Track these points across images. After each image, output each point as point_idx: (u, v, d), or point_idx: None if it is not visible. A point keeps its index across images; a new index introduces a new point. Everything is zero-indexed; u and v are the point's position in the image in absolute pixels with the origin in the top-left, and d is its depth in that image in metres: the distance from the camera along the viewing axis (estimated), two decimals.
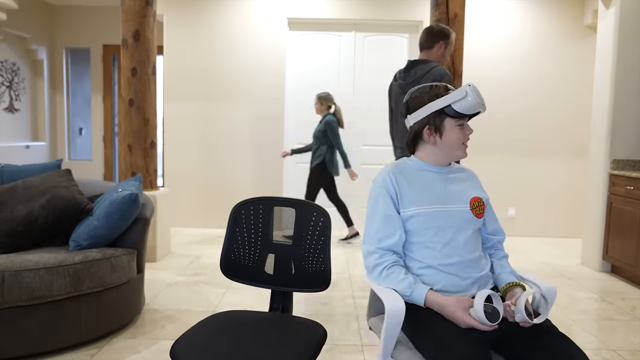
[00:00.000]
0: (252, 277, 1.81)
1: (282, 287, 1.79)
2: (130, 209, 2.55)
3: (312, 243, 1.75)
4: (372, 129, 5.59)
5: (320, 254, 1.74)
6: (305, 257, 1.76)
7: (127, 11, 3.90)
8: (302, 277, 1.77)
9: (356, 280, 3.72)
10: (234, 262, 1.81)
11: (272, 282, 1.80)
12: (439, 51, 2.93)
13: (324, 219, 1.75)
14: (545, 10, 5.35)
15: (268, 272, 1.80)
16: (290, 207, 1.79)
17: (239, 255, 1.81)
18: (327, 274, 1.74)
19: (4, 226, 2.44)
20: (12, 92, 5.93)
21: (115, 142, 6.66)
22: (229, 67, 5.41)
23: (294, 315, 1.76)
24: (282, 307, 1.81)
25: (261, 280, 1.80)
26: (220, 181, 5.51)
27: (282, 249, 1.79)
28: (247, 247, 1.80)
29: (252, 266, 1.81)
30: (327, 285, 1.74)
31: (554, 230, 5.48)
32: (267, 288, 1.81)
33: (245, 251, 1.81)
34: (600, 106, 4.21)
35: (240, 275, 1.82)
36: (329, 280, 1.74)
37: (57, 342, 2.31)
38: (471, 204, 1.57)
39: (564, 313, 3.13)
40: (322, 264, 1.74)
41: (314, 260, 1.75)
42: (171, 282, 3.54)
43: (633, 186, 3.79)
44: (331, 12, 5.35)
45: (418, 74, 2.80)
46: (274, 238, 1.80)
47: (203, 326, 1.59)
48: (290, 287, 1.79)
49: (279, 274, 1.79)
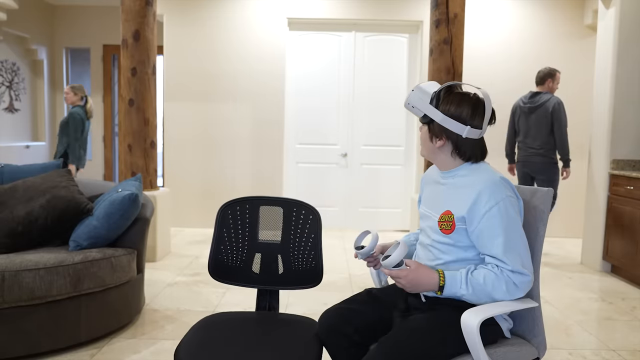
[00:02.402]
0: (240, 277, 1.80)
1: (270, 285, 1.79)
2: (130, 209, 2.55)
3: (302, 241, 1.76)
4: (372, 129, 5.59)
5: (312, 251, 1.75)
6: (296, 255, 1.77)
7: (127, 11, 3.90)
8: (292, 274, 1.78)
9: (356, 281, 3.72)
10: (223, 263, 1.79)
11: (259, 281, 1.79)
12: (549, 85, 4.29)
13: (314, 217, 1.76)
14: (545, 10, 5.35)
15: (255, 272, 1.79)
16: (277, 206, 1.79)
17: (227, 256, 1.79)
18: (320, 270, 1.75)
19: (4, 226, 2.44)
20: (12, 92, 5.93)
21: (115, 142, 6.66)
22: (229, 67, 5.41)
23: (293, 314, 1.76)
24: (269, 306, 1.81)
25: (248, 280, 1.79)
26: (220, 181, 5.51)
27: (270, 248, 1.79)
28: (235, 248, 1.79)
29: (240, 267, 1.80)
30: (319, 281, 1.75)
31: (554, 230, 5.47)
32: (254, 287, 1.79)
33: (234, 252, 1.79)
34: (600, 106, 4.22)
35: (229, 277, 1.80)
36: (321, 276, 1.75)
37: (57, 342, 2.31)
38: (440, 216, 1.50)
39: (564, 313, 3.13)
40: (313, 260, 1.74)
41: (305, 258, 1.76)
42: (171, 282, 3.54)
43: (633, 186, 3.79)
44: (331, 12, 5.35)
45: (542, 100, 4.25)
46: (260, 237, 1.79)
47: (201, 329, 1.58)
48: (277, 286, 1.78)
49: (265, 273, 1.79)
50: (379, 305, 1.56)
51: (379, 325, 1.52)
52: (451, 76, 3.96)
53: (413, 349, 1.33)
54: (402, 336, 1.35)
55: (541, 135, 4.27)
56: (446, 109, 1.48)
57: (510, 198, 1.42)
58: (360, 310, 1.52)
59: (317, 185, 5.65)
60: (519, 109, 4.44)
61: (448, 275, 1.38)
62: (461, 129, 1.47)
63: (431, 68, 4.06)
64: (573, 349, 2.60)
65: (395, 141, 5.61)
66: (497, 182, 1.42)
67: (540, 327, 1.54)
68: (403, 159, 5.63)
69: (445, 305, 1.47)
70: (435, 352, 1.36)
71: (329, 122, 5.59)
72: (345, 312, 1.52)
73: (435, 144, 1.53)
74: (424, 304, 1.52)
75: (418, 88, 1.50)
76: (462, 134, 1.47)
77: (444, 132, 1.50)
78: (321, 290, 3.46)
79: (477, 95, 1.51)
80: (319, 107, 5.57)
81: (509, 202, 1.40)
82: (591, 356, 2.52)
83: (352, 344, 1.49)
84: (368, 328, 1.50)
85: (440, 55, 3.96)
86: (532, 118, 4.31)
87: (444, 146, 1.52)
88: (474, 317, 1.32)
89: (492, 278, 1.35)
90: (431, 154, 1.57)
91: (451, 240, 1.47)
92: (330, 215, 5.68)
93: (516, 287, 1.37)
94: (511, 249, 1.37)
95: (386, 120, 5.58)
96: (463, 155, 1.51)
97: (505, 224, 1.38)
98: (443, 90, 1.51)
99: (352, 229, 5.66)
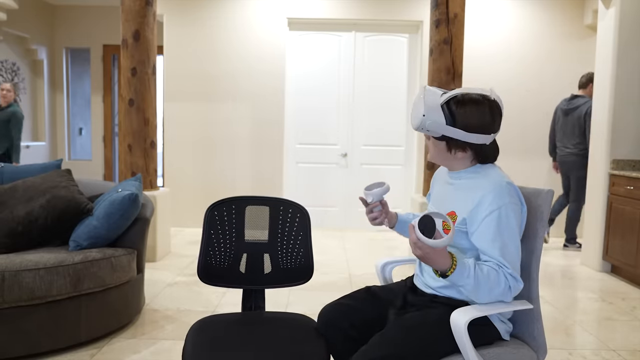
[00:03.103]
0: (227, 279, 1.79)
1: (256, 285, 1.79)
2: (130, 209, 2.55)
3: (291, 239, 1.77)
4: (372, 129, 5.59)
5: (301, 249, 1.76)
6: (284, 253, 1.77)
7: (127, 11, 3.90)
8: (281, 273, 1.78)
9: (356, 281, 3.72)
10: (212, 266, 1.78)
11: (244, 281, 1.79)
12: (590, 89, 4.65)
13: (302, 215, 1.77)
14: (545, 10, 5.35)
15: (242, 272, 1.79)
16: (263, 205, 1.79)
17: (215, 258, 1.78)
18: (310, 267, 1.77)
19: (4, 226, 2.44)
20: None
21: (115, 142, 6.66)
22: (229, 67, 5.41)
23: (293, 312, 1.76)
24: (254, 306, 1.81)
25: (235, 281, 1.78)
26: (220, 181, 5.51)
27: (256, 248, 1.79)
28: (223, 249, 1.78)
29: (227, 267, 1.79)
30: (309, 277, 1.78)
31: (554, 230, 5.47)
32: (240, 288, 1.79)
33: (222, 254, 1.78)
34: (600, 106, 4.22)
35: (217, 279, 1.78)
36: (312, 272, 1.78)
37: (57, 342, 2.31)
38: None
39: (564, 313, 3.13)
40: (303, 258, 1.76)
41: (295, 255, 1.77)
42: (171, 282, 3.54)
43: (633, 186, 3.79)
44: (331, 12, 5.35)
45: (578, 103, 4.62)
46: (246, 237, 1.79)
47: (201, 330, 1.57)
48: (263, 285, 1.79)
49: (251, 273, 1.79)
50: (377, 302, 1.58)
51: (376, 322, 1.54)
52: (451, 76, 3.96)
53: (407, 346, 1.34)
54: (397, 333, 1.37)
55: (574, 136, 4.64)
56: (465, 123, 1.41)
57: (513, 205, 1.40)
58: (357, 307, 1.55)
59: (317, 185, 5.65)
60: (559, 111, 4.83)
61: (460, 264, 1.32)
62: (485, 138, 1.43)
63: (431, 68, 4.06)
64: (573, 349, 2.60)
65: (395, 141, 5.61)
66: (503, 186, 1.40)
67: (539, 330, 1.52)
68: (403, 159, 5.63)
69: (441, 304, 1.48)
70: (429, 350, 1.37)
71: (329, 122, 5.59)
72: (343, 308, 1.55)
73: (455, 155, 1.48)
74: (422, 301, 1.53)
75: (426, 108, 1.41)
76: (487, 142, 1.45)
77: (466, 144, 1.45)
78: (321, 290, 3.46)
79: (488, 97, 1.45)
80: (319, 107, 5.57)
81: (510, 209, 1.39)
82: (591, 356, 2.52)
83: (347, 338, 1.52)
84: (364, 325, 1.53)
85: (440, 55, 3.96)
86: (568, 119, 4.69)
87: (464, 156, 1.49)
88: (462, 316, 1.34)
89: (494, 275, 1.35)
90: (446, 161, 1.52)
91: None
92: (330, 215, 5.68)
93: (510, 290, 1.38)
94: (506, 254, 1.38)
95: (386, 120, 5.58)
96: (483, 159, 1.50)
97: (502, 229, 1.38)
98: (452, 103, 1.42)
99: (352, 229, 5.66)
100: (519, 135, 5.44)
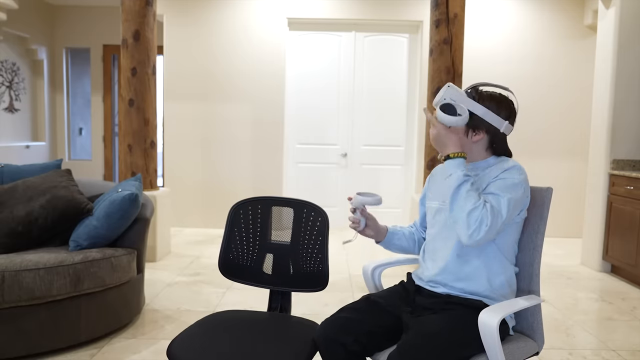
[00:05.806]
0: (251, 277, 1.81)
1: (281, 287, 1.79)
2: (130, 209, 2.55)
3: (311, 243, 1.75)
4: (372, 129, 5.59)
5: (319, 254, 1.74)
6: (304, 257, 1.76)
7: (127, 11, 3.90)
8: (300, 277, 1.77)
9: (356, 281, 3.72)
10: (233, 262, 1.81)
11: (270, 282, 1.80)
12: None
13: (322, 219, 1.75)
14: (545, 10, 5.35)
15: (266, 272, 1.80)
16: (288, 207, 1.79)
17: (237, 255, 1.81)
18: (325, 274, 1.74)
19: (4, 226, 2.44)
20: (12, 92, 5.93)
21: (115, 142, 6.66)
22: (229, 67, 5.41)
23: (292, 315, 1.76)
24: (281, 307, 1.82)
25: (260, 280, 1.80)
26: (220, 181, 5.51)
27: (281, 249, 1.79)
28: (246, 247, 1.80)
29: (251, 266, 1.81)
30: (325, 286, 1.74)
31: (554, 230, 5.48)
32: (266, 288, 1.81)
33: (244, 251, 1.80)
34: (600, 106, 4.22)
35: (238, 275, 1.82)
36: (327, 280, 1.74)
37: (57, 342, 2.31)
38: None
39: (564, 313, 3.13)
40: (320, 264, 1.74)
41: (312, 260, 1.75)
42: (171, 282, 3.54)
43: (633, 186, 3.79)
44: (331, 12, 5.35)
45: None
46: (271, 238, 1.80)
47: (200, 326, 1.59)
48: (288, 287, 1.79)
49: (277, 274, 1.79)
50: (378, 310, 1.54)
51: (380, 330, 1.49)
52: (451, 76, 3.96)
53: (431, 353, 1.31)
54: (420, 340, 1.34)
55: None
56: (485, 104, 1.53)
57: (525, 184, 1.48)
58: (359, 319, 1.49)
59: (317, 185, 5.65)
60: None
61: (463, 160, 1.45)
62: (500, 123, 1.52)
63: (431, 68, 4.06)
64: (573, 349, 2.60)
65: (395, 141, 5.61)
66: (522, 170, 1.49)
67: (538, 322, 1.57)
68: (403, 159, 5.63)
69: (459, 305, 1.47)
70: (454, 355, 1.35)
71: (329, 122, 5.59)
72: (344, 322, 1.49)
73: (472, 138, 1.54)
74: (435, 303, 1.51)
75: (451, 85, 1.52)
76: (501, 129, 1.52)
77: (483, 125, 1.53)
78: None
79: (506, 96, 1.58)
80: (318, 107, 5.57)
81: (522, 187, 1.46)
82: (591, 356, 2.51)
83: (349, 353, 1.46)
84: (368, 336, 1.48)
85: (440, 55, 3.96)
86: None
87: (480, 140, 1.55)
88: (493, 316, 1.33)
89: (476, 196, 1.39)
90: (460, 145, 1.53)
91: None
92: (330, 215, 5.68)
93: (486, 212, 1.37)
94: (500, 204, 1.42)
95: (386, 120, 5.58)
96: (497, 150, 1.56)
97: (512, 191, 1.43)
98: (473, 89, 1.57)
99: (351, 229, 5.65)
100: (519, 135, 5.44)
